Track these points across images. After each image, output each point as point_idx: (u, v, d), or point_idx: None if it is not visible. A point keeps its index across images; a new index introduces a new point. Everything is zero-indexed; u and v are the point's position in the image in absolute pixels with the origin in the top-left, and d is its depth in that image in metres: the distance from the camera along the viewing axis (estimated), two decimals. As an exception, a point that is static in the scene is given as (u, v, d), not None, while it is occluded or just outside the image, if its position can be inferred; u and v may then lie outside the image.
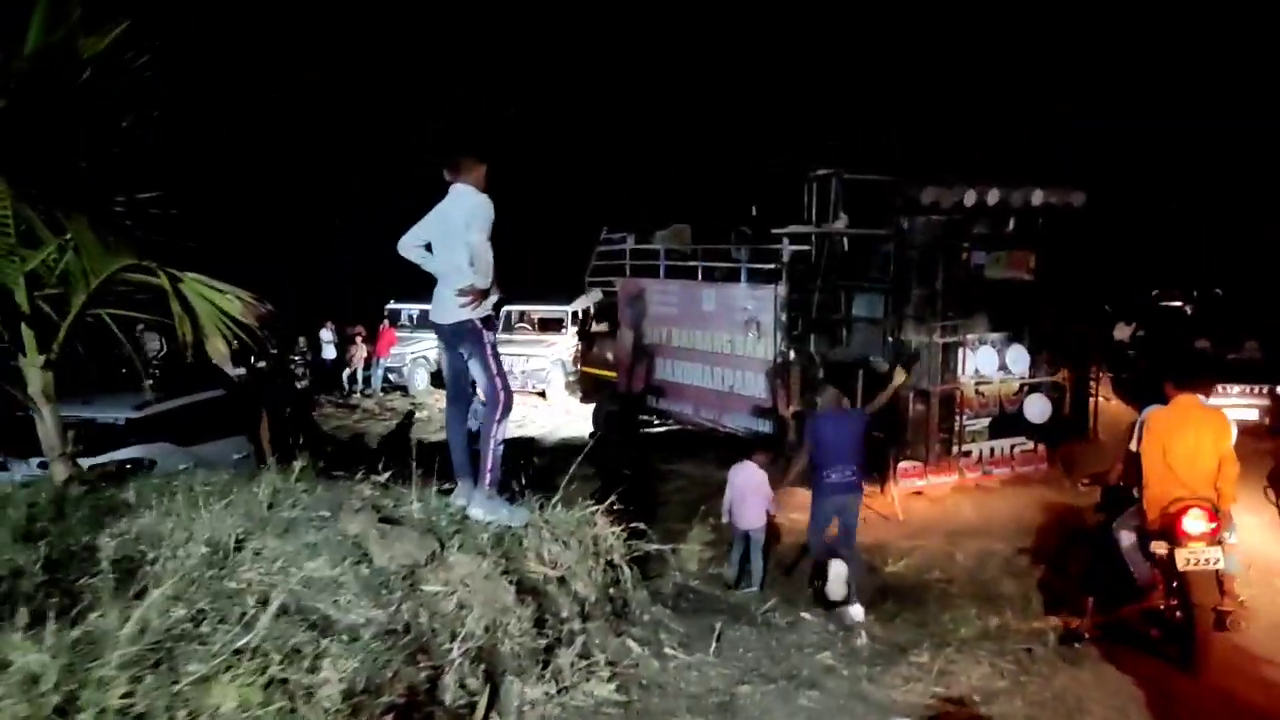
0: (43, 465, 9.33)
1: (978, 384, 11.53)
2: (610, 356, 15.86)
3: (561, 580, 4.88)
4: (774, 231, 12.83)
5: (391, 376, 21.35)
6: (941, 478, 11.48)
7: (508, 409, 5.27)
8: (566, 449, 13.78)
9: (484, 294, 5.18)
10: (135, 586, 3.71)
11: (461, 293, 5.10)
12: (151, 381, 14.68)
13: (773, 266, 12.69)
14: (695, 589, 6.75)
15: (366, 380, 21.54)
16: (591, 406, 16.49)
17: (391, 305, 22.36)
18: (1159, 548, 5.86)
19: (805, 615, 6.49)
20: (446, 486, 5.44)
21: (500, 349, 5.41)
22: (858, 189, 11.98)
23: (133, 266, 5.33)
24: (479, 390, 5.42)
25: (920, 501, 11.17)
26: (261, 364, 20.74)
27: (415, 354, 21.29)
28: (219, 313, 5.32)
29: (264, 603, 3.61)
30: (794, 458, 8.86)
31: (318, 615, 3.76)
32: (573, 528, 5.25)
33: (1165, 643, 6.10)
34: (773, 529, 9.22)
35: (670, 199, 17.60)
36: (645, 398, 15.09)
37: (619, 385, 15.49)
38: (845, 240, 12.01)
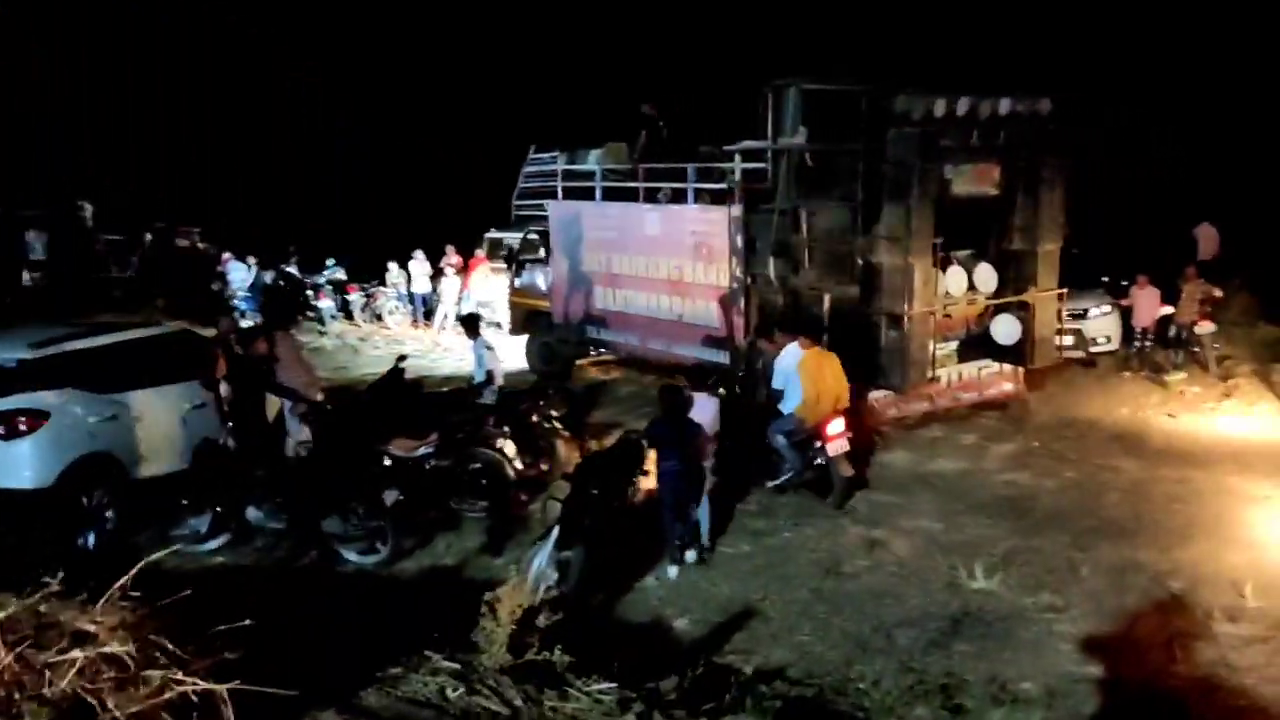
0: None
1: (946, 305, 11.01)
2: (543, 286, 14.85)
3: None
4: (725, 149, 11.99)
5: (484, 312, 17.13)
6: (914, 405, 11.05)
7: None
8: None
9: None
10: None
11: None
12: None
13: (724, 186, 11.89)
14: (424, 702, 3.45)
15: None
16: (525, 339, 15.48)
17: (491, 234, 18.99)
18: (815, 442, 8.81)
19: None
20: None
21: None
22: (818, 100, 11.14)
23: None
24: None
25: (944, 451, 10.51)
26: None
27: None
28: None
29: None
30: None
31: None
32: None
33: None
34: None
35: (602, 114, 16.26)
36: (584, 329, 14.19)
37: (554, 316, 14.57)
38: (806, 156, 11.19)
